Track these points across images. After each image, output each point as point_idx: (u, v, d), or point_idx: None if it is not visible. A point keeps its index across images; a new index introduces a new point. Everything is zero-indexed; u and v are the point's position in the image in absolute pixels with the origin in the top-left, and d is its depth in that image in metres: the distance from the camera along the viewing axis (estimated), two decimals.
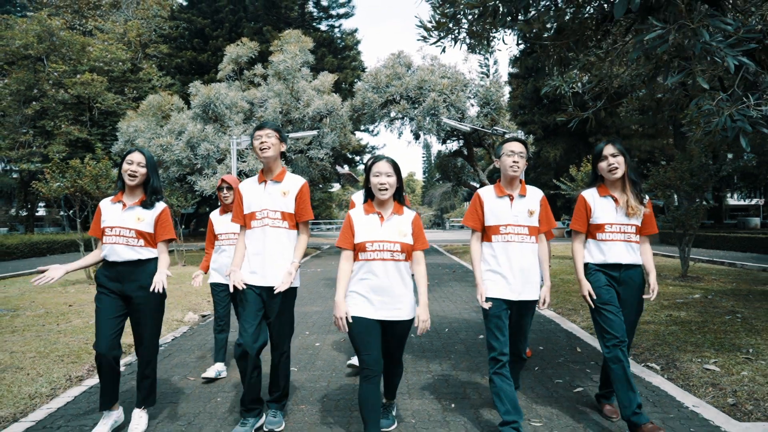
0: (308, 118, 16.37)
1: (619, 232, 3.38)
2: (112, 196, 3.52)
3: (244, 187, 3.52)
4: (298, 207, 3.43)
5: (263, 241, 3.36)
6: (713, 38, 3.02)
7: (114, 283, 3.32)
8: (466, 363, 4.93)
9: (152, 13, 34.95)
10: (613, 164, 3.35)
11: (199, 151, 15.58)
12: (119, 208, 3.43)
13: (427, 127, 15.97)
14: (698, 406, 3.69)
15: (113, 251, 3.32)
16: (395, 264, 3.07)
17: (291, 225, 3.42)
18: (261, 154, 3.39)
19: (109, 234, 3.35)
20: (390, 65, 16.98)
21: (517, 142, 3.38)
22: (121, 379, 3.58)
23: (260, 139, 3.38)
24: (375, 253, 3.06)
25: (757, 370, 4.38)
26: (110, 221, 3.38)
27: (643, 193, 3.44)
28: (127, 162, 3.40)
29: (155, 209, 3.49)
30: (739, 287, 9.20)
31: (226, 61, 18.45)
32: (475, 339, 5.86)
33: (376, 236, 3.09)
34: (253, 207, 3.43)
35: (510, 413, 3.13)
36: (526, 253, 3.30)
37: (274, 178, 3.46)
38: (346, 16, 33.69)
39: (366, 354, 3.02)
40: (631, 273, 3.39)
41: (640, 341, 5.43)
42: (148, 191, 3.48)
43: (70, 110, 27.90)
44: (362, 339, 3.03)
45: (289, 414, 3.72)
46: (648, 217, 3.43)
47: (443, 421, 3.55)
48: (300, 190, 3.45)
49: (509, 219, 3.32)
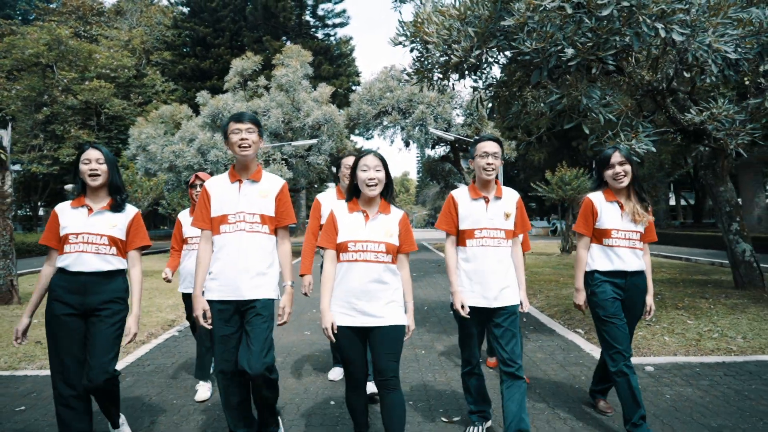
0: (308, 126, 17.96)
1: (624, 239, 3.28)
2: (69, 201, 3.08)
3: (213, 187, 3.03)
4: (279, 209, 3.03)
5: (237, 249, 2.90)
6: (590, 101, 4.61)
7: (74, 296, 2.89)
8: (437, 330, 6.51)
9: (156, 20, 36.41)
10: (620, 173, 3.26)
11: (209, 157, 17.14)
12: (83, 213, 2.99)
13: (416, 136, 17.70)
14: (593, 351, 5.29)
15: (79, 260, 2.90)
16: (379, 266, 2.78)
17: (271, 230, 3.01)
18: (239, 152, 2.94)
19: (74, 242, 2.91)
20: (383, 79, 18.67)
21: (492, 142, 3.15)
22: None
23: (240, 134, 2.93)
24: (358, 254, 2.78)
25: (650, 330, 5.97)
26: (74, 227, 2.94)
27: (647, 201, 3.37)
28: (84, 162, 2.97)
29: (127, 213, 3.10)
30: (678, 277, 10.84)
31: (232, 74, 19.98)
32: (448, 314, 7.43)
33: (359, 236, 2.80)
34: (226, 209, 2.95)
35: (478, 403, 3.30)
36: (502, 257, 3.11)
37: (250, 177, 3.01)
38: (341, 25, 35.46)
39: (351, 365, 2.83)
40: (636, 280, 3.32)
41: (577, 313, 7.00)
42: (112, 191, 3.08)
43: (79, 115, 29.39)
44: (346, 349, 2.80)
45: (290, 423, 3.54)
46: (650, 223, 3.35)
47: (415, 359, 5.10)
48: (280, 190, 3.06)
49: (485, 222, 3.13)
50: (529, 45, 4.54)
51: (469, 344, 3.23)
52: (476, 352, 3.27)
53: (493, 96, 6.20)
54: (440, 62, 5.80)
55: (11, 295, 8.41)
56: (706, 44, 4.49)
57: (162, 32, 35.89)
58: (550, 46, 4.51)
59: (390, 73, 18.86)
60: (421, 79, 6.35)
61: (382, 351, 2.74)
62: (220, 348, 2.88)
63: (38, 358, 5.16)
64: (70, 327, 2.87)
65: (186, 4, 34.89)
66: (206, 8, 32.63)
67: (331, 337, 2.72)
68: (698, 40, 4.51)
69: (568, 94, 4.64)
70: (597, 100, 4.64)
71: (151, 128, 19.82)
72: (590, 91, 4.62)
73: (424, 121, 17.41)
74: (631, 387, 3.12)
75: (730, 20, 4.72)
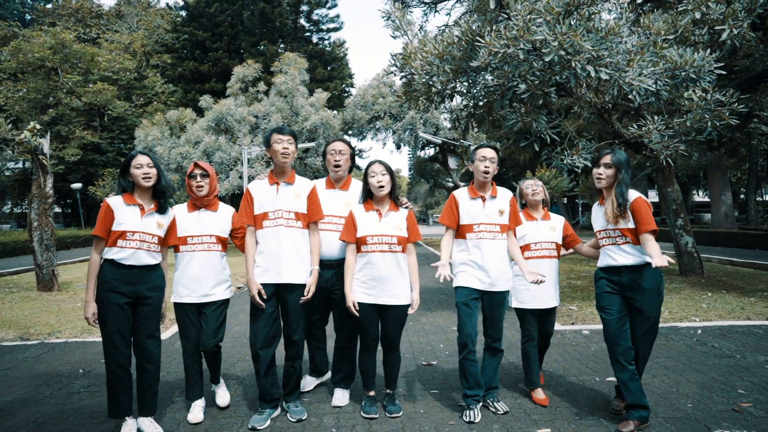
0: (306, 130, 19.24)
1: (606, 237, 3.45)
2: (118, 195, 3.29)
3: (255, 189, 3.56)
4: (310, 208, 3.56)
5: (278, 240, 3.43)
6: (539, 125, 5.94)
7: (127, 286, 3.18)
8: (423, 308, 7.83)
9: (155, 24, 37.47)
10: (596, 175, 3.45)
11: (214, 159, 18.37)
12: (137, 212, 3.26)
13: (406, 139, 19.08)
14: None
15: (135, 256, 3.19)
16: (393, 255, 3.47)
17: (304, 225, 3.53)
18: (281, 159, 3.47)
19: (131, 239, 3.18)
20: (375, 85, 20.02)
21: (490, 149, 3.60)
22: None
23: (282, 144, 3.47)
24: (375, 245, 3.45)
25: (589, 303, 7.32)
26: (130, 225, 3.20)
27: (625, 201, 3.33)
28: (135, 166, 3.25)
29: (169, 214, 3.43)
30: None
31: (234, 80, 21.19)
32: (433, 297, 8.75)
33: (375, 231, 3.47)
34: (266, 207, 3.48)
35: (473, 388, 3.55)
36: (497, 248, 3.56)
37: (286, 180, 3.55)
38: (335, 30, 36.69)
39: (366, 334, 3.56)
40: (634, 276, 3.33)
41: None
42: (158, 193, 3.36)
43: (83, 116, 30.47)
44: (364, 321, 3.51)
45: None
46: (639, 215, 3.29)
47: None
48: (311, 191, 3.60)
49: (482, 218, 3.56)
50: (492, 81, 5.86)
51: (466, 323, 3.51)
52: (474, 334, 3.52)
53: (468, 115, 7.53)
54: (423, 90, 7.13)
55: (52, 284, 9.64)
56: (627, 81, 5.82)
57: (161, 35, 36.99)
58: (507, 82, 5.84)
59: (382, 80, 20.19)
60: (409, 100, 7.66)
61: (392, 324, 3.54)
62: (261, 325, 3.44)
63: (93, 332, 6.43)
64: (124, 313, 3.19)
65: (184, 9, 35.94)
66: (204, 13, 33.71)
67: (355, 312, 3.45)
68: (621, 77, 5.84)
69: (523, 119, 5.96)
70: (544, 124, 5.97)
71: (157, 130, 20.99)
72: (539, 117, 5.95)
73: (414, 126, 18.82)
74: (623, 377, 3.31)
75: (648, 61, 6.05)
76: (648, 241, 3.22)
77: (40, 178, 9.49)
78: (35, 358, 5.22)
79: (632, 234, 3.33)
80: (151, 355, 3.32)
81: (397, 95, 7.56)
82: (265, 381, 3.50)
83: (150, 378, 3.34)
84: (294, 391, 3.65)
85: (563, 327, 6.26)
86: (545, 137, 5.88)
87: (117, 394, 3.23)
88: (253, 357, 3.50)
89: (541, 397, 3.80)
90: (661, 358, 4.86)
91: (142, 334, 3.29)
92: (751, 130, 15.51)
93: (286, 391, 3.63)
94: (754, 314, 6.65)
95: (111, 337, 3.17)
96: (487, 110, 7.09)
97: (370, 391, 3.70)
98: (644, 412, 3.26)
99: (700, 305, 7.27)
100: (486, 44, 5.68)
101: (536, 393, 3.86)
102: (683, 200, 10.20)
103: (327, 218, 3.77)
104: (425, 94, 7.17)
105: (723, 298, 7.77)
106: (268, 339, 3.47)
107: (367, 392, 3.70)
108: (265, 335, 3.45)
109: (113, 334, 3.16)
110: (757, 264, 12.11)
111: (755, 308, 7.01)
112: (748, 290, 8.53)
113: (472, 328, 3.52)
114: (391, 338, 3.59)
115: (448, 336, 5.95)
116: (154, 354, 3.33)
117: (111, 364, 3.20)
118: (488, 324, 3.67)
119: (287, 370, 3.61)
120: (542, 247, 3.87)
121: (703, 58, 6.25)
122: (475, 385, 3.56)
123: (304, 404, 3.78)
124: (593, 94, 7.35)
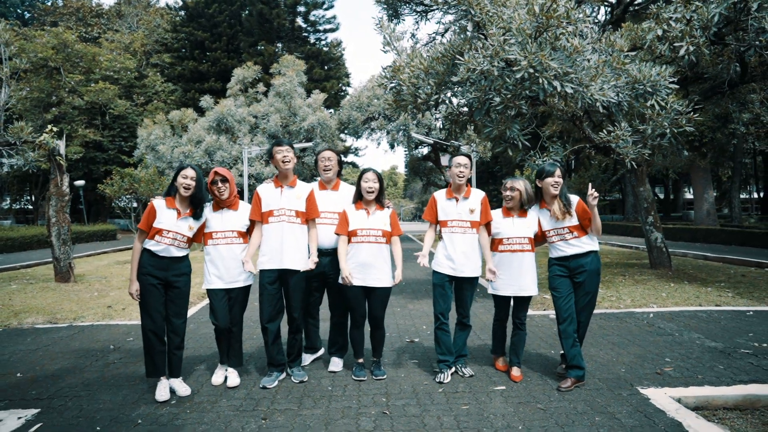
0: (303, 130, 19.99)
1: (556, 235, 4.22)
2: (162, 198, 4.06)
3: (263, 191, 4.28)
4: (309, 207, 4.26)
5: (281, 234, 4.13)
6: (512, 132, 6.71)
7: (160, 271, 3.94)
8: (410, 297, 8.60)
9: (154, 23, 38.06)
10: (553, 183, 4.15)
11: (216, 158, 19.10)
12: (174, 215, 3.97)
13: (399, 139, 19.90)
14: None
15: (167, 250, 3.95)
16: (378, 246, 4.17)
17: (303, 221, 4.24)
18: (283, 166, 4.19)
19: (166, 236, 3.92)
20: (370, 87, 20.80)
21: (463, 156, 4.27)
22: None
23: (282, 154, 4.19)
24: (363, 237, 4.16)
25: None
26: (166, 224, 3.94)
27: (569, 202, 4.17)
28: (182, 176, 3.94)
29: (200, 220, 4.13)
30: (614, 260, 13.06)
31: (234, 82, 21.91)
32: (418, 287, 9.53)
33: (364, 225, 4.18)
34: (272, 206, 4.18)
35: (445, 354, 4.32)
36: (467, 241, 4.24)
37: (289, 184, 4.24)
38: (332, 30, 37.40)
39: (355, 311, 4.31)
40: (580, 261, 4.13)
41: None
42: (196, 203, 4.04)
43: (85, 115, 31.09)
44: (353, 301, 4.26)
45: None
46: (583, 214, 4.13)
47: (392, 314, 7.18)
48: (309, 194, 4.29)
49: (454, 215, 4.27)
50: (470, 94, 6.63)
51: (440, 302, 4.26)
52: (447, 310, 4.26)
53: (452, 121, 8.30)
54: (411, 100, 7.89)
55: (69, 275, 10.37)
56: (590, 95, 6.59)
57: (161, 35, 37.58)
58: (484, 95, 6.60)
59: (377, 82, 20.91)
60: (398, 108, 8.42)
61: (377, 304, 4.27)
62: (267, 303, 4.17)
63: (113, 317, 7.19)
64: (157, 291, 3.96)
65: (184, 9, 36.55)
66: (203, 13, 34.35)
67: (351, 283, 4.13)
68: (585, 91, 6.61)
69: (497, 127, 6.73)
70: (517, 131, 6.74)
71: (159, 130, 21.68)
72: (513, 125, 6.72)
73: (407, 126, 19.63)
74: (568, 341, 4.10)
75: (610, 76, 6.82)
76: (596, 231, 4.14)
77: (57, 177, 10.22)
78: (69, 337, 5.97)
79: (577, 229, 4.13)
80: (177, 328, 4.10)
81: (388, 103, 8.30)
82: (273, 349, 4.25)
83: (176, 347, 4.10)
84: (297, 359, 4.42)
85: (534, 312, 7.03)
86: (517, 143, 6.66)
87: (153, 357, 3.98)
88: (262, 329, 4.24)
89: (516, 374, 4.33)
90: (611, 336, 5.65)
91: (171, 312, 4.07)
92: (732, 131, 16.29)
93: (290, 358, 4.39)
94: (705, 302, 7.44)
95: (146, 308, 3.94)
96: (469, 117, 7.87)
97: (360, 359, 4.46)
98: (580, 372, 4.04)
99: (660, 294, 8.06)
100: (465, 62, 6.44)
101: (498, 361, 4.61)
102: (653, 198, 10.99)
103: (323, 214, 4.46)
104: (412, 103, 7.93)
105: (683, 288, 8.56)
106: (273, 314, 4.20)
107: (357, 360, 4.47)
108: (270, 312, 4.18)
109: (148, 306, 3.93)
110: (726, 258, 12.94)
111: (709, 297, 7.80)
112: (708, 281, 9.33)
113: (444, 305, 4.27)
114: (377, 316, 4.31)
115: (431, 319, 6.70)
116: (179, 328, 4.11)
117: (146, 331, 3.96)
118: (458, 303, 4.42)
119: (290, 341, 4.38)
120: (514, 242, 4.31)
121: (659, 73, 7.02)
122: (447, 351, 4.30)
123: (305, 370, 4.57)
124: (564, 103, 8.13)
